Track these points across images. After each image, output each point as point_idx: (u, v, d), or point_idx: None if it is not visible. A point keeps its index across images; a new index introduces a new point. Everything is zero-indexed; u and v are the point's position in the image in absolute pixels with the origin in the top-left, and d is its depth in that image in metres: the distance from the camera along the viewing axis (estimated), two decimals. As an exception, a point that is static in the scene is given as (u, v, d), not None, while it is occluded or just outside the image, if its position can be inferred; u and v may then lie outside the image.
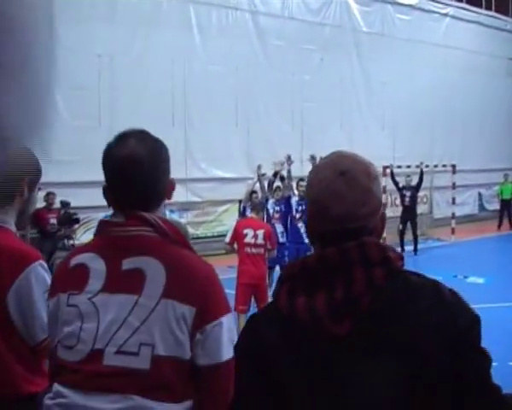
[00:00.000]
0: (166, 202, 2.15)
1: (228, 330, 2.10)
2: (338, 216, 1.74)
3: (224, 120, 18.98)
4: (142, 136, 2.27)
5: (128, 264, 2.08)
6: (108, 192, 2.22)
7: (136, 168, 2.16)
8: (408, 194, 19.72)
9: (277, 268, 11.70)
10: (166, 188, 2.28)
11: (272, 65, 20.12)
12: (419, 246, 19.84)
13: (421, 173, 19.93)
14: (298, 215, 12.80)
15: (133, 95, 17.18)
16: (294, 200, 12.94)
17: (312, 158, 13.11)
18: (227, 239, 9.88)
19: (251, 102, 19.57)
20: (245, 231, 9.62)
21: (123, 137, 2.23)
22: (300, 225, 12.71)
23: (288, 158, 13.31)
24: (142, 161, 2.17)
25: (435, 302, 1.71)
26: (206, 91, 18.51)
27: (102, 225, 2.21)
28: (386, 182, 20.16)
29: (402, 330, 1.66)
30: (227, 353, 2.07)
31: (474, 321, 1.75)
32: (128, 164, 2.16)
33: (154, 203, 2.23)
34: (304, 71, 20.75)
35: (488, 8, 28.04)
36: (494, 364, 1.77)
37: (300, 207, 12.80)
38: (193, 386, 2.07)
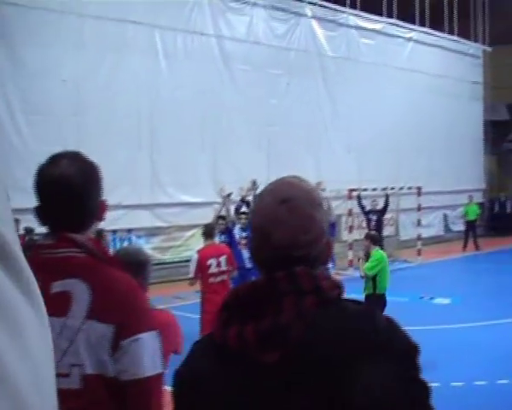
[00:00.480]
0: (133, 226, 2.13)
1: (149, 347, 2.13)
2: (280, 244, 1.74)
3: (191, 145, 18.96)
4: (74, 157, 2.28)
5: (56, 287, 2.12)
6: (40, 212, 2.23)
7: (65, 189, 2.18)
8: (374, 218, 19.93)
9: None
10: (98, 209, 2.29)
11: (239, 89, 20.20)
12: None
13: (387, 198, 20.16)
14: None
15: (100, 120, 17.14)
16: None
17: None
18: (191, 274, 9.75)
19: (218, 126, 19.59)
20: (209, 262, 9.57)
21: (55, 158, 2.25)
22: None
23: (254, 183, 13.31)
24: (72, 182, 2.19)
25: (371, 333, 1.69)
26: (172, 116, 18.51)
27: (34, 247, 2.25)
28: (352, 205, 20.34)
29: (331, 361, 1.64)
30: (148, 369, 2.09)
31: (412, 351, 1.73)
32: (58, 184, 2.18)
33: (84, 224, 2.25)
34: (270, 95, 20.85)
35: (451, 32, 28.47)
36: (460, 384, 1.79)
37: None
38: (118, 403, 2.11)
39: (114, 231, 17.10)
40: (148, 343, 2.13)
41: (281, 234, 1.74)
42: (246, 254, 12.78)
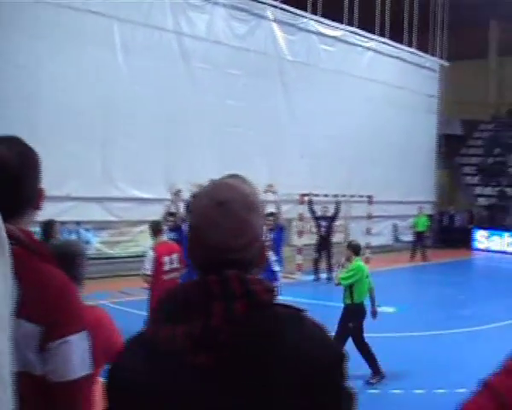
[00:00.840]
0: (82, 219, 2.07)
1: (78, 349, 2.09)
2: (214, 246, 1.74)
3: (145, 140, 18.80)
4: (11, 141, 2.22)
5: None
6: None
7: (2, 173, 2.12)
8: (324, 224, 20.08)
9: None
10: (35, 196, 2.23)
11: (196, 87, 20.09)
12: (334, 274, 20.05)
13: (338, 205, 20.32)
14: None
15: (53, 110, 16.87)
16: None
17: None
18: (148, 272, 9.60)
19: (173, 123, 19.45)
20: (163, 260, 9.53)
21: None
22: None
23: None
24: (8, 164, 2.13)
25: (299, 338, 1.69)
26: (128, 111, 18.34)
27: None
28: (303, 209, 20.42)
29: (260, 366, 1.65)
30: (76, 371, 2.06)
31: (338, 358, 1.74)
32: None
33: (19, 211, 2.18)
34: (227, 95, 20.79)
35: (410, 44, 28.81)
36: (399, 391, 1.79)
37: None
38: (46, 402, 2.06)
39: (62, 223, 16.82)
40: (77, 345, 2.09)
41: (215, 237, 1.74)
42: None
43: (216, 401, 1.64)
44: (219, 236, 1.74)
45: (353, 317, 10.15)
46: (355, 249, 10.59)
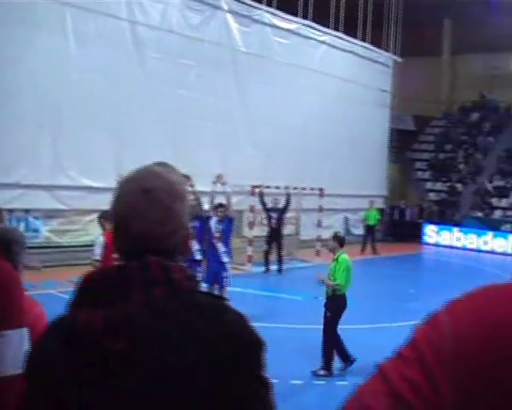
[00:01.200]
0: (31, 207, 2.01)
1: (14, 345, 2.05)
2: (137, 234, 1.74)
3: (97, 129, 18.58)
4: None
5: None
6: None
7: None
8: (274, 216, 20.15)
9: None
10: None
11: (149, 76, 19.93)
12: (284, 266, 20.19)
13: (288, 197, 20.38)
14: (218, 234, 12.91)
15: (1, 96, 16.58)
16: None
17: None
18: (98, 257, 9.58)
19: (125, 112, 19.27)
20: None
21: None
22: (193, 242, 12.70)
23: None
24: None
25: (216, 324, 1.70)
26: (79, 98, 18.09)
27: None
28: (254, 201, 20.46)
29: (177, 353, 1.65)
30: (9, 368, 2.02)
31: (254, 346, 1.75)
32: None
33: None
34: (180, 85, 20.66)
35: (364, 39, 29.00)
36: (345, 383, 1.79)
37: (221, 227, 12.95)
38: None
39: (11, 211, 16.61)
40: (13, 341, 2.05)
41: (139, 224, 1.74)
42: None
43: (134, 386, 1.64)
44: (145, 224, 1.74)
45: (335, 308, 10.24)
46: (340, 241, 10.59)
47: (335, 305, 10.27)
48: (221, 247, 12.93)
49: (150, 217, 1.74)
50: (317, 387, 9.75)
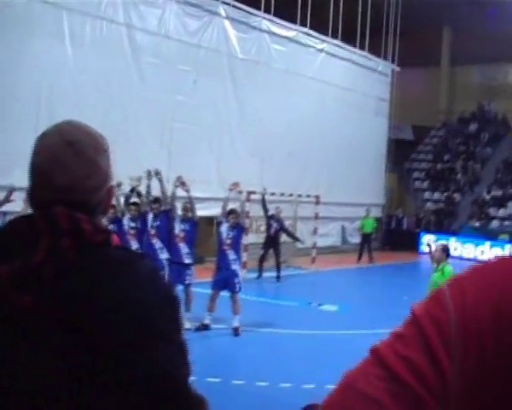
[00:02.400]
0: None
1: None
2: (61, 186, 1.68)
3: (92, 133, 18.54)
4: None
5: None
6: None
7: None
8: (274, 225, 20.03)
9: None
10: None
11: (145, 82, 19.92)
12: (280, 273, 20.17)
13: (263, 198, 20.10)
14: (153, 232, 12.74)
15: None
16: (150, 216, 12.83)
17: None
18: None
19: (121, 116, 19.20)
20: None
21: None
22: (155, 241, 12.66)
23: (149, 173, 13.13)
24: None
25: (126, 280, 1.64)
26: (75, 102, 17.98)
27: None
28: (249, 207, 20.38)
29: (84, 307, 1.59)
30: None
31: (166, 303, 1.69)
32: None
33: None
34: (177, 91, 20.62)
35: (362, 48, 29.01)
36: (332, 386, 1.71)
37: (155, 224, 12.75)
38: None
39: (4, 214, 16.54)
40: None
41: (63, 177, 1.68)
42: (134, 244, 12.72)
43: (39, 343, 1.58)
44: (68, 176, 1.68)
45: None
46: (448, 252, 10.30)
47: None
48: (231, 254, 12.90)
49: (75, 170, 1.69)
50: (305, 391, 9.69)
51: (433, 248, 10.65)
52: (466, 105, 38.71)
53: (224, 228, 12.97)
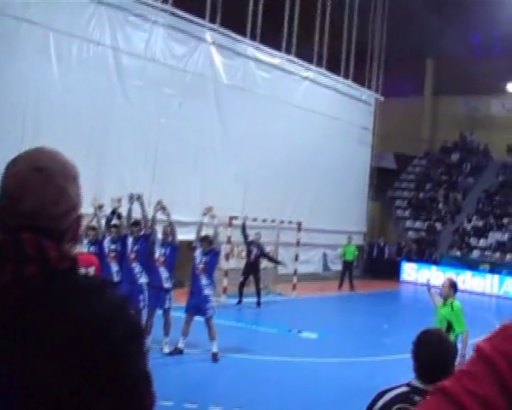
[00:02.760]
0: None
1: None
2: (28, 212, 1.69)
3: (76, 153, 18.15)
4: None
5: None
6: None
7: None
8: (255, 250, 20.03)
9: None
10: None
11: (130, 103, 19.89)
12: (261, 299, 20.13)
13: (243, 227, 20.17)
14: (132, 256, 12.67)
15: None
16: (130, 240, 12.77)
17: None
18: None
19: (105, 138, 19.17)
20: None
21: None
22: (134, 265, 12.60)
23: (131, 197, 13.09)
24: None
25: (90, 309, 1.64)
26: (60, 122, 17.97)
27: None
28: (231, 232, 20.40)
29: (45, 333, 1.59)
30: None
31: (131, 333, 1.69)
32: None
33: None
34: (161, 114, 20.63)
35: (346, 76, 29.19)
36: None
37: (135, 247, 12.69)
38: None
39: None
40: None
41: (30, 202, 1.69)
42: (114, 267, 12.67)
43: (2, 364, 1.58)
44: (35, 202, 1.69)
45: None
46: (456, 288, 10.18)
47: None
48: (204, 279, 12.84)
49: (42, 196, 1.69)
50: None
51: (442, 283, 10.49)
52: (448, 135, 39.10)
53: (198, 253, 12.94)
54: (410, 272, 31.56)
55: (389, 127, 34.45)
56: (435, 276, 30.49)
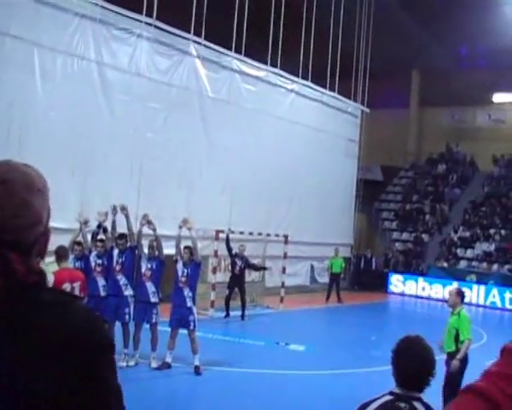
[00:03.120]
0: None
1: None
2: None
3: (61, 168, 18.28)
4: None
5: None
6: None
7: None
8: (239, 263, 20.01)
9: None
10: None
11: (116, 118, 19.83)
12: (248, 312, 20.09)
13: (227, 236, 20.17)
14: (118, 268, 12.63)
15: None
16: (116, 252, 12.73)
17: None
18: None
19: (90, 152, 19.05)
20: (63, 286, 9.26)
21: None
22: (120, 277, 12.56)
23: (114, 208, 13.04)
24: None
25: (60, 324, 1.64)
26: (43, 137, 17.85)
27: None
28: (218, 246, 20.35)
29: (10, 350, 1.58)
30: None
31: (101, 347, 1.68)
32: None
33: None
34: (147, 128, 20.57)
35: (332, 89, 29.25)
36: None
37: (121, 260, 12.65)
38: None
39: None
40: None
41: None
42: (101, 281, 12.61)
43: None
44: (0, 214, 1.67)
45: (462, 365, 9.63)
46: (463, 297, 10.16)
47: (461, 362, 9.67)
48: (186, 291, 12.78)
49: (5, 208, 1.67)
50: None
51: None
52: (434, 146, 39.30)
53: (179, 266, 12.90)
54: (398, 283, 31.60)
55: (375, 139, 34.52)
56: (422, 287, 30.68)
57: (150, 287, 12.78)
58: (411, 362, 3.79)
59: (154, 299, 12.80)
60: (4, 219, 1.67)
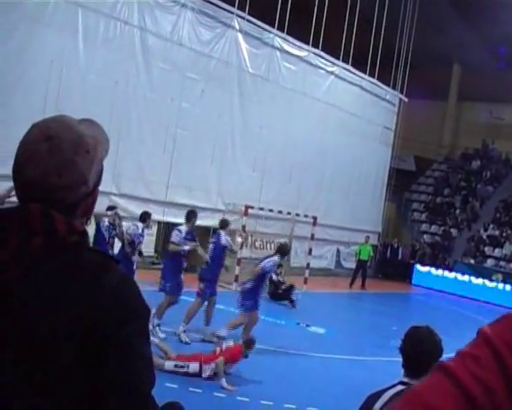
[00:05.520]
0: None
1: None
2: (32, 181, 1.65)
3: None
4: None
5: None
6: None
7: None
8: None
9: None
10: None
11: (153, 86, 19.87)
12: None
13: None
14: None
15: (4, 90, 16.44)
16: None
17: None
18: None
19: (125, 119, 19.11)
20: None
21: None
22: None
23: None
24: None
25: (96, 284, 1.61)
26: (81, 100, 17.84)
27: None
28: (245, 221, 20.34)
29: (48, 308, 1.57)
30: None
31: (133, 314, 1.66)
32: None
33: None
34: (183, 98, 20.58)
35: (371, 74, 29.01)
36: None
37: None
38: None
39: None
40: None
41: (32, 172, 1.65)
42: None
43: (8, 344, 1.57)
44: (37, 171, 1.65)
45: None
46: None
47: None
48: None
49: (47, 165, 1.65)
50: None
51: None
52: (470, 142, 38.83)
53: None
54: (422, 275, 31.37)
55: (411, 129, 34.19)
56: (447, 282, 30.44)
57: None
58: (416, 349, 3.78)
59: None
60: (46, 177, 1.65)
